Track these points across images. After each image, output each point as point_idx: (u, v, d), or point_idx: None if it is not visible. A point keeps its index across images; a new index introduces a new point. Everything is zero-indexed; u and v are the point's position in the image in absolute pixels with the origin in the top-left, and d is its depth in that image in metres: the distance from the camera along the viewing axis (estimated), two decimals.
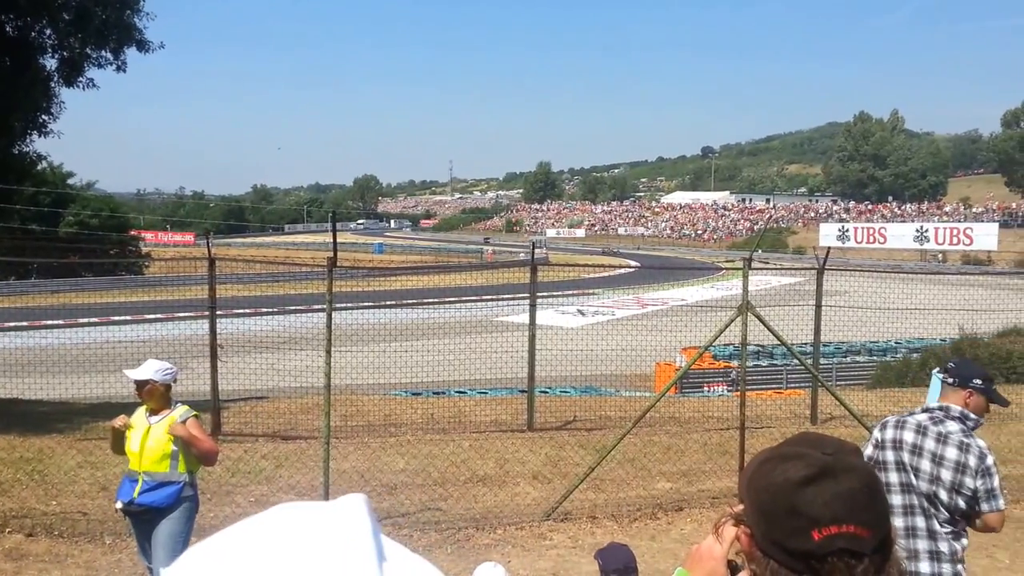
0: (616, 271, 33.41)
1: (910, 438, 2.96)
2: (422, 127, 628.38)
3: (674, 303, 28.00)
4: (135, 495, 4.07)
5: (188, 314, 15.89)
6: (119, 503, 4.14)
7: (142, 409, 4.21)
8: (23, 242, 32.42)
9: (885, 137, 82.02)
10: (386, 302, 21.57)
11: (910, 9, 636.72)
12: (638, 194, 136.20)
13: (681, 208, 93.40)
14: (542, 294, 13.17)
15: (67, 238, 39.60)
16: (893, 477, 2.98)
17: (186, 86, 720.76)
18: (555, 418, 9.47)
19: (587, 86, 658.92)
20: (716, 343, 8.14)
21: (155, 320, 17.92)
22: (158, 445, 4.09)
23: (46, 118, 12.15)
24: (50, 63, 11.79)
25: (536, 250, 11.41)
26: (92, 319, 14.94)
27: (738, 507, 1.08)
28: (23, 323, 20.57)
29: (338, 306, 6.45)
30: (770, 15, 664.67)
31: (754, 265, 7.17)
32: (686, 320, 13.29)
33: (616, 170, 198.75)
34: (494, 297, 20.99)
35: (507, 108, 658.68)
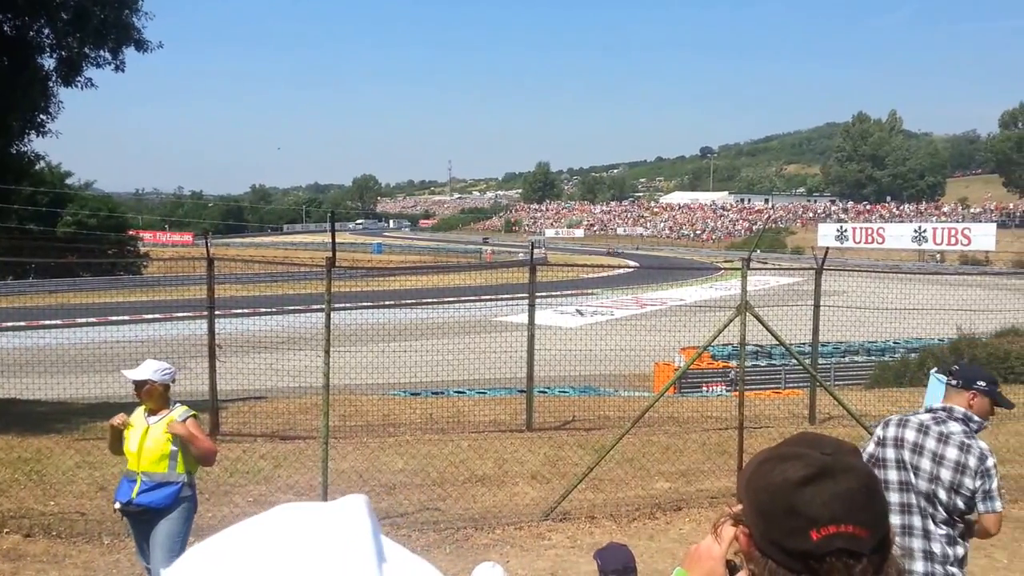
0: (615, 271, 33.43)
1: (911, 436, 2.97)
2: (421, 127, 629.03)
3: (673, 303, 28.01)
4: (133, 495, 4.07)
5: (186, 314, 15.86)
6: (117, 503, 4.14)
7: (141, 409, 4.21)
8: (21, 242, 32.40)
9: (883, 137, 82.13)
10: (385, 302, 21.57)
11: (909, 10, 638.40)
12: (637, 194, 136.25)
13: (680, 208, 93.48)
14: (541, 294, 13.18)
15: (65, 238, 39.58)
16: (892, 475, 2.98)
17: (185, 86, 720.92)
18: (554, 418, 9.47)
19: (586, 86, 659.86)
20: (715, 343, 8.16)
21: (153, 320, 17.93)
22: (157, 445, 4.08)
23: (44, 118, 12.14)
24: (48, 62, 11.79)
25: (535, 250, 11.40)
26: (90, 319, 14.93)
27: (737, 507, 1.08)
28: (21, 323, 20.55)
29: (337, 306, 6.45)
30: (769, 15, 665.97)
31: (753, 265, 7.17)
32: (685, 320, 13.31)
33: (615, 170, 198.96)
34: (493, 297, 21.01)
35: (506, 108, 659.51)
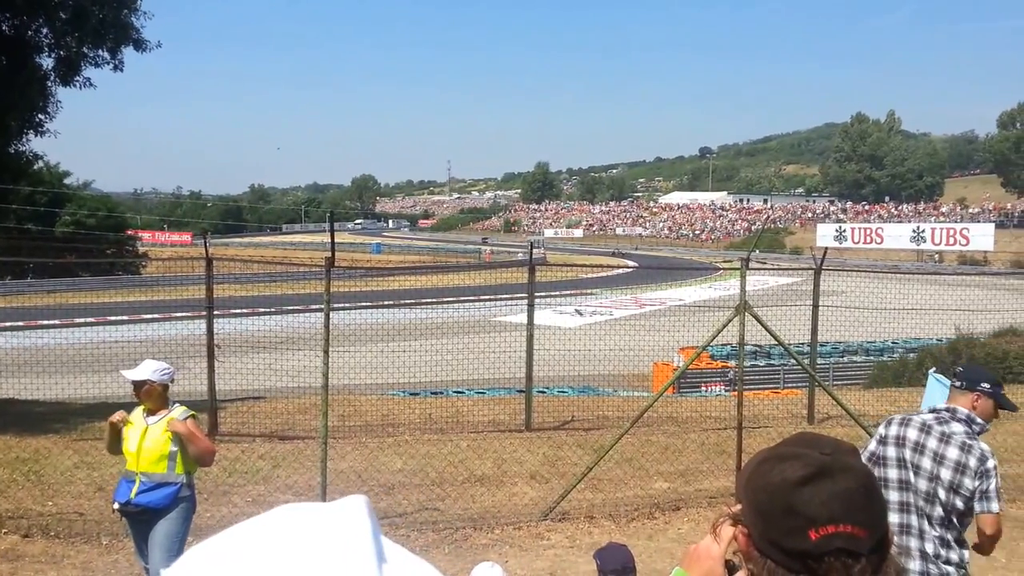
0: (614, 271, 33.44)
1: (913, 435, 2.97)
2: (420, 127, 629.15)
3: (672, 303, 28.03)
4: (132, 495, 4.06)
5: (185, 314, 15.83)
6: (116, 503, 4.13)
7: (140, 409, 4.20)
8: (19, 242, 32.39)
9: (882, 138, 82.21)
10: (384, 302, 21.55)
11: (907, 10, 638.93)
12: (636, 194, 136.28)
13: (679, 208, 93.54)
14: (540, 294, 13.18)
15: (63, 238, 39.56)
16: (892, 473, 2.98)
17: (184, 85, 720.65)
18: (553, 418, 9.47)
19: (585, 86, 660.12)
20: (714, 343, 8.17)
21: (152, 320, 17.92)
22: (156, 446, 4.08)
23: (42, 117, 12.12)
24: (47, 62, 11.78)
25: (534, 250, 11.40)
26: (89, 319, 14.91)
27: (735, 507, 1.08)
28: (19, 323, 20.51)
29: (336, 306, 6.45)
30: (768, 16, 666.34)
31: (751, 265, 7.18)
32: (684, 320, 13.31)
33: (614, 170, 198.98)
34: (492, 297, 21.02)
35: (505, 108, 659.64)
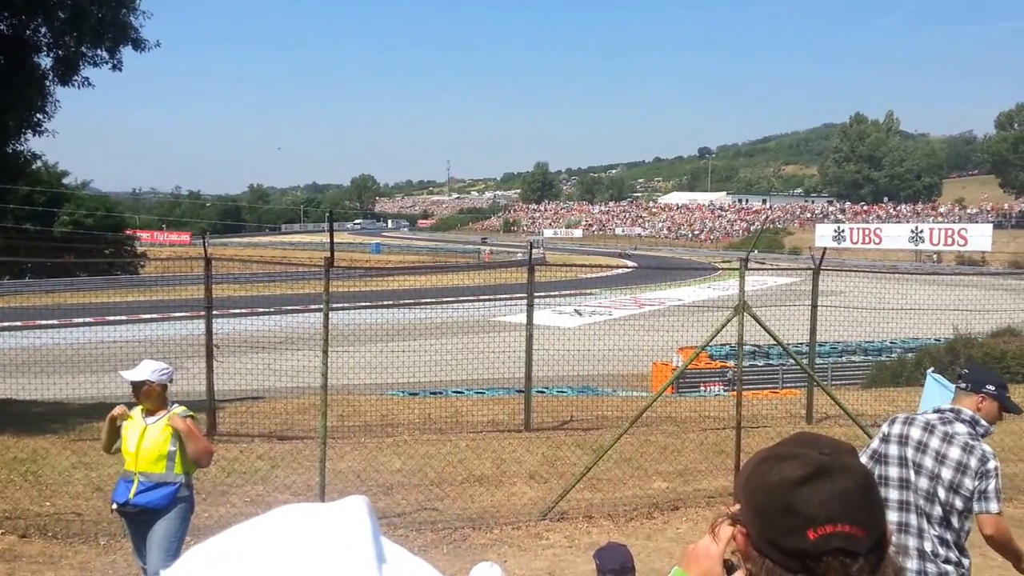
0: (613, 271, 33.43)
1: (916, 434, 2.98)
2: (420, 127, 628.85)
3: (671, 303, 28.04)
4: (131, 496, 4.06)
5: (184, 314, 15.83)
6: (115, 504, 4.13)
7: (138, 410, 4.20)
8: (17, 241, 32.39)
9: (880, 138, 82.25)
10: (383, 302, 21.55)
11: (906, 11, 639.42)
12: (635, 194, 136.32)
13: (678, 208, 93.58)
14: (539, 294, 13.17)
15: (62, 238, 39.51)
16: (893, 472, 2.98)
17: (182, 85, 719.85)
18: (552, 418, 9.47)
19: (584, 86, 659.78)
20: (713, 343, 8.17)
21: (151, 320, 17.92)
22: (154, 446, 4.08)
23: (41, 117, 12.10)
24: (45, 61, 11.77)
25: (533, 250, 11.40)
26: (87, 319, 14.90)
27: (734, 506, 1.09)
28: (17, 323, 20.49)
29: (335, 306, 6.45)
30: (767, 16, 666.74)
31: (750, 265, 7.19)
32: (683, 320, 13.33)
33: (613, 170, 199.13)
34: (491, 297, 20.97)
35: (505, 108, 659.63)
